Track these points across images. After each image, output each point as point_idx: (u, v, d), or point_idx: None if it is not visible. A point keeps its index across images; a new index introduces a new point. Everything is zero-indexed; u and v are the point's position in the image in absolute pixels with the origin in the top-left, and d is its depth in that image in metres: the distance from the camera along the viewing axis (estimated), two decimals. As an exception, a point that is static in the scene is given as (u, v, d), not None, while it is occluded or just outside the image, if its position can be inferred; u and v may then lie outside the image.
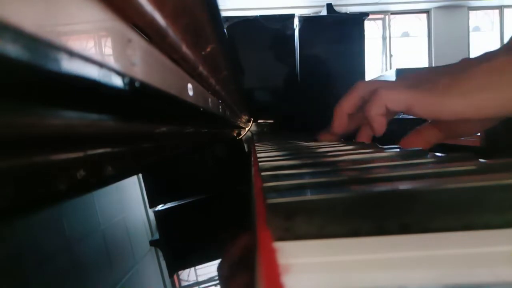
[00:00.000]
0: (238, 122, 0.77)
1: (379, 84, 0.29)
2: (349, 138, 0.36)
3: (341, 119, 0.32)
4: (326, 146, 0.31)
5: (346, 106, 0.31)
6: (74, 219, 0.71)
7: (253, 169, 0.21)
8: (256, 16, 1.16)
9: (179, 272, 1.42)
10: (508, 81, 0.23)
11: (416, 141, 0.31)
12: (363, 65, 1.14)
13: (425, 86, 0.26)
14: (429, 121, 0.31)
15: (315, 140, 0.38)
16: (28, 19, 0.06)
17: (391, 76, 1.81)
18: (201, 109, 0.26)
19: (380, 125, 0.28)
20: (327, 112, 0.39)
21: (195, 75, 0.25)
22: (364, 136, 0.33)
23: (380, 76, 2.20)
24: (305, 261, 0.09)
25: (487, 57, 0.25)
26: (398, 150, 0.23)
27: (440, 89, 0.25)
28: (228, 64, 0.36)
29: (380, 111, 0.27)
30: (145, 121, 0.19)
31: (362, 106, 0.30)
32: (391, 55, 4.22)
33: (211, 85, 0.31)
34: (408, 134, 0.32)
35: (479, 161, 0.16)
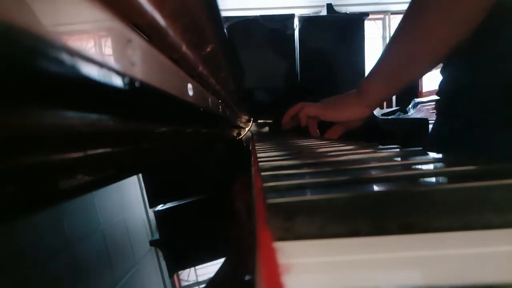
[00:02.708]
0: (238, 122, 0.77)
1: (305, 104, 0.54)
2: (297, 130, 0.61)
3: (287, 118, 0.58)
4: (326, 146, 0.31)
5: (290, 113, 0.57)
6: (74, 219, 0.71)
7: (253, 169, 0.21)
8: (256, 16, 1.16)
9: (179, 272, 1.42)
10: (352, 103, 0.48)
11: (330, 133, 0.54)
12: (363, 65, 1.14)
13: (324, 105, 0.52)
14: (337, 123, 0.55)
15: (281, 128, 0.63)
16: (28, 19, 0.06)
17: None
18: (201, 109, 0.26)
19: (304, 122, 0.55)
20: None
21: (195, 75, 0.25)
22: (312, 129, 0.56)
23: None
24: (305, 261, 0.09)
25: (351, 91, 0.50)
26: (398, 150, 0.23)
27: (330, 107, 0.51)
28: (228, 64, 0.36)
29: (304, 115, 0.54)
30: (145, 121, 0.19)
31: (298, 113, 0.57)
32: (391, 55, 4.21)
33: (211, 85, 0.31)
34: (327, 131, 0.55)
35: (479, 161, 0.16)
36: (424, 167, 0.16)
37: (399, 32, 0.39)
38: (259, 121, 1.18)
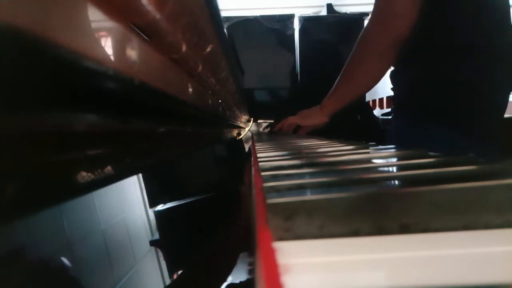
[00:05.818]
0: (238, 122, 0.78)
1: (288, 118, 0.84)
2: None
3: (277, 128, 0.87)
4: (326, 146, 0.31)
5: (279, 125, 0.86)
6: (74, 219, 0.71)
7: (253, 169, 0.21)
8: (256, 16, 1.16)
9: (179, 272, 1.42)
10: (316, 114, 0.77)
11: (302, 131, 0.82)
12: (363, 65, 1.14)
13: (300, 116, 0.81)
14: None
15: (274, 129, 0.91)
16: (28, 19, 0.06)
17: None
18: (201, 109, 0.26)
19: (286, 129, 0.85)
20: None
21: (195, 75, 0.25)
22: (291, 132, 0.83)
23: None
24: (305, 261, 0.09)
25: (317, 106, 0.77)
26: (397, 150, 0.23)
27: (304, 117, 0.80)
28: (228, 64, 0.36)
29: (287, 124, 0.84)
30: (145, 121, 0.19)
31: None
32: (391, 55, 4.21)
33: (211, 85, 0.31)
34: (300, 129, 0.83)
35: (479, 161, 0.16)
36: (424, 167, 0.16)
37: (343, 75, 0.67)
38: (259, 121, 1.19)
